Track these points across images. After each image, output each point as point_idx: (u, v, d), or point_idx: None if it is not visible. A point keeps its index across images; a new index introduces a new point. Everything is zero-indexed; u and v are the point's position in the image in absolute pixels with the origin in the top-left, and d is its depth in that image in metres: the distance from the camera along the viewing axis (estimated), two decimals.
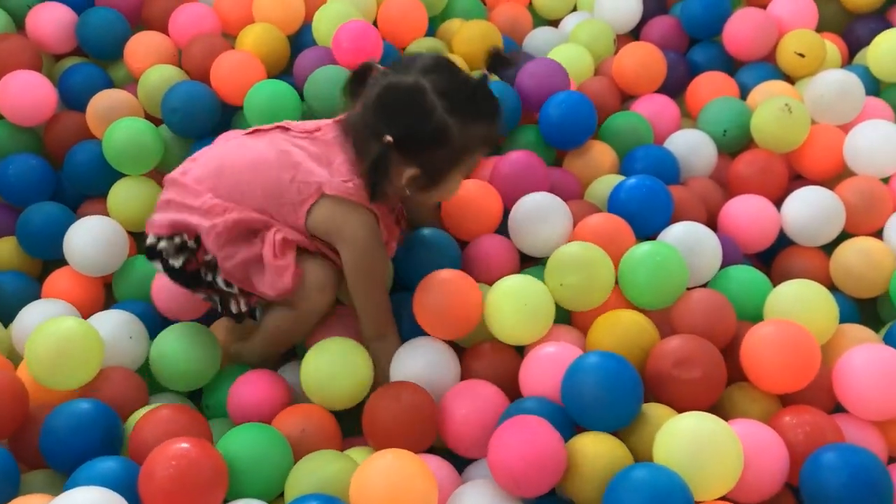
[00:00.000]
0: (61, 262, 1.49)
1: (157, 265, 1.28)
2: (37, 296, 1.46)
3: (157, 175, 1.59)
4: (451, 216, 1.45)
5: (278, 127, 1.31)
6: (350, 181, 1.22)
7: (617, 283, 1.32)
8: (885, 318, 1.44)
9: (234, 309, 1.30)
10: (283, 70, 1.74)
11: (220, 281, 1.25)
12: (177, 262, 1.25)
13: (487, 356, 1.28)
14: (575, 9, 1.97)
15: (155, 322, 1.39)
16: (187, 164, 1.31)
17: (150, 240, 1.28)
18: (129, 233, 1.52)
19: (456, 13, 1.88)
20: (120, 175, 1.57)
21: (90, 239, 1.45)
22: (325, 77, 1.60)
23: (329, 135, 1.27)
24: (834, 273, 1.45)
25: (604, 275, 1.29)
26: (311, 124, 1.31)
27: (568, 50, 1.78)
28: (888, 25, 1.85)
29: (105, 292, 1.50)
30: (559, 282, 1.29)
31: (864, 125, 1.55)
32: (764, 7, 1.83)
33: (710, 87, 1.72)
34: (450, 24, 1.85)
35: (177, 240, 1.25)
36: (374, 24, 1.77)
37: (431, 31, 1.84)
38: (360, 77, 1.24)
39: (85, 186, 1.60)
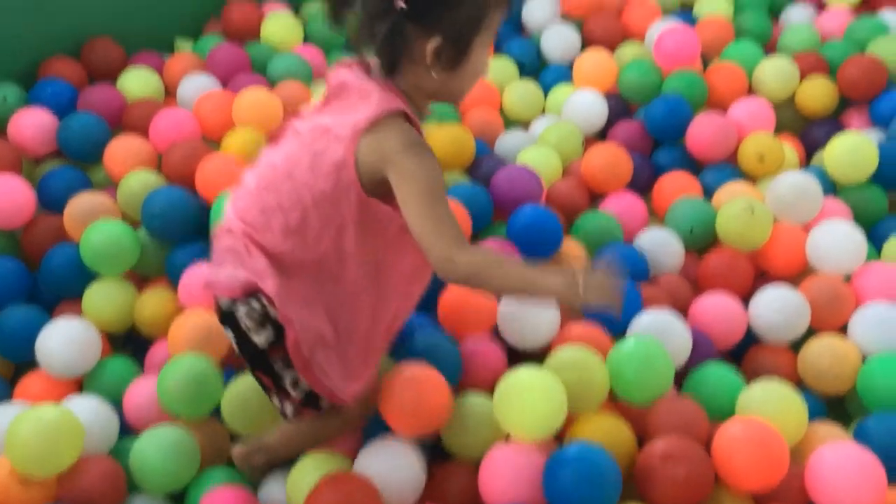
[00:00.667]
0: (34, 364, 1.48)
1: (229, 334, 1.14)
2: (8, 398, 1.44)
3: (134, 276, 1.60)
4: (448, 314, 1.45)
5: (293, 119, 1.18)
6: (374, 99, 1.06)
7: None
8: (854, 414, 1.46)
9: (275, 402, 1.20)
10: None
11: (287, 380, 1.15)
12: (259, 339, 1.12)
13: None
14: (544, 112, 2.05)
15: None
16: (234, 204, 1.16)
17: (223, 303, 1.13)
18: (104, 334, 1.52)
19: (430, 118, 1.94)
20: (95, 276, 1.58)
21: (62, 341, 1.44)
22: None
23: (342, 83, 1.11)
24: (802, 371, 1.47)
25: (600, 377, 1.30)
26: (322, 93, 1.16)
27: (538, 152, 1.84)
28: (841, 128, 1.94)
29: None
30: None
31: (825, 225, 1.61)
32: (724, 111, 1.91)
33: (675, 186, 1.79)
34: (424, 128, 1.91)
35: (254, 304, 1.10)
36: None
37: None
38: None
39: (61, 288, 1.60)
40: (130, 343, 1.60)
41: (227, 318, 1.13)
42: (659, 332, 1.38)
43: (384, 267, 1.15)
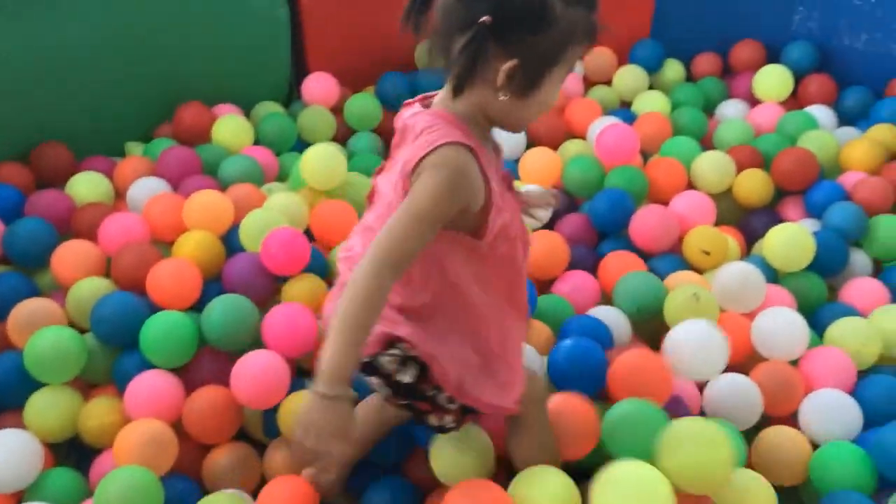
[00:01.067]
0: None
1: (374, 380, 1.16)
2: None
3: (79, 383, 1.57)
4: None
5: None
6: (432, 137, 1.05)
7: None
8: (809, 503, 1.47)
9: (434, 422, 1.21)
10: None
11: (442, 398, 1.16)
12: (405, 377, 1.13)
13: None
14: None
15: None
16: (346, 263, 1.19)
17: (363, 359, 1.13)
18: (47, 444, 1.47)
19: None
20: (38, 385, 1.53)
21: (2, 452, 1.39)
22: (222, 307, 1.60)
23: (407, 123, 1.13)
24: (755, 462, 1.48)
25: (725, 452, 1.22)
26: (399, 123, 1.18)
27: None
28: (779, 218, 2.01)
29: None
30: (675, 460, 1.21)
31: (768, 312, 1.65)
32: (665, 204, 1.97)
33: (621, 265, 1.81)
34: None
35: (396, 351, 1.13)
36: (307, 230, 1.85)
37: None
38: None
39: (2, 397, 1.55)
40: (74, 453, 1.55)
41: (368, 369, 1.15)
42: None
43: (491, 282, 1.17)
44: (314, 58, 2.39)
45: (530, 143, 2.23)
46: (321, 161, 1.90)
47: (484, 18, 1.00)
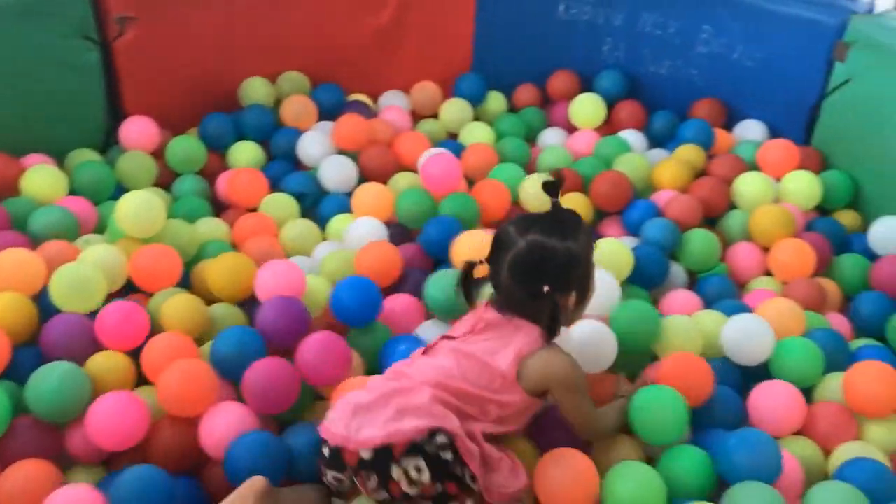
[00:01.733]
0: None
1: (419, 465, 1.30)
2: None
3: None
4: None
5: (443, 338, 1.48)
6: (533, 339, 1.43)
7: None
8: None
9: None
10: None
11: (468, 475, 1.33)
12: (447, 454, 1.31)
13: None
14: (325, 239, 2.08)
15: None
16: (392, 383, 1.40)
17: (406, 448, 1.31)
18: None
19: (207, 255, 1.91)
20: None
21: None
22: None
23: (490, 320, 1.46)
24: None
25: None
26: (467, 324, 1.49)
27: (316, 281, 1.85)
28: (600, 237, 2.11)
29: None
30: None
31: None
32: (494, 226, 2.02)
33: None
34: (202, 265, 1.88)
35: (440, 439, 1.32)
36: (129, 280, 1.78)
37: (186, 275, 1.85)
38: (467, 275, 1.50)
39: None
40: None
41: (416, 449, 1.31)
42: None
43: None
44: (131, 101, 2.30)
45: (362, 179, 2.24)
46: (137, 208, 1.82)
47: (545, 289, 1.40)
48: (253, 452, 1.43)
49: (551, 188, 1.50)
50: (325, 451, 1.37)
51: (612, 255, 1.88)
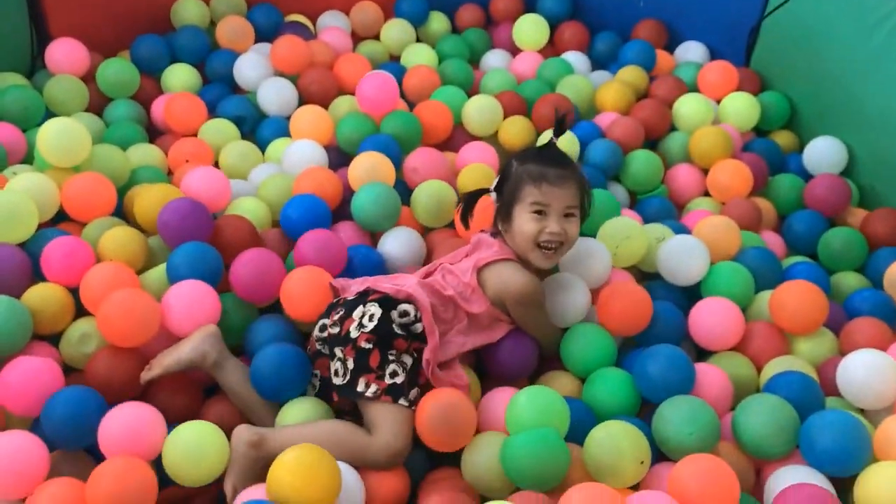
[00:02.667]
0: None
1: (374, 313, 1.46)
2: None
3: None
4: None
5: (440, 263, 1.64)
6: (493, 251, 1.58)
7: None
8: None
9: (360, 387, 1.42)
10: None
11: (412, 346, 1.47)
12: (405, 320, 1.47)
13: None
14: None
15: None
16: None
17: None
18: None
19: (140, 182, 1.88)
20: None
21: None
22: None
23: (475, 242, 1.64)
24: None
25: None
26: (462, 251, 1.65)
27: (250, 202, 1.85)
28: None
29: None
30: None
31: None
32: (436, 147, 2.01)
33: None
34: (133, 191, 1.84)
35: (407, 307, 1.48)
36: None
37: (120, 203, 1.81)
38: (471, 203, 1.67)
39: None
40: None
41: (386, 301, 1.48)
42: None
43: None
44: (56, 22, 2.20)
45: (302, 102, 2.19)
46: (59, 136, 1.77)
47: (494, 196, 1.62)
48: None
49: (558, 126, 1.62)
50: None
51: None
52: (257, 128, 2.16)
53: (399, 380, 1.43)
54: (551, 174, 1.53)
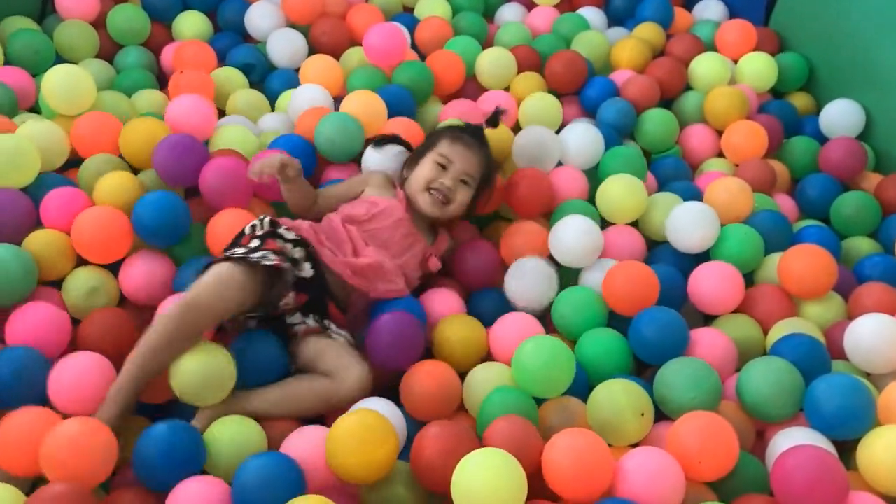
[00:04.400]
0: None
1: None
2: None
3: None
4: None
5: None
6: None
7: None
8: None
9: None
10: None
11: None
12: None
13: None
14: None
15: None
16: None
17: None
18: None
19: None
20: None
21: None
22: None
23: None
24: None
25: None
26: None
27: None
28: None
29: None
30: None
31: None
32: (447, 98, 2.00)
33: None
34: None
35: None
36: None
37: None
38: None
39: None
40: None
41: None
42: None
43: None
44: None
45: (312, 53, 2.17)
46: (64, 83, 1.77)
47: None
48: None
49: (492, 120, 1.79)
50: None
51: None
52: (266, 78, 2.14)
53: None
54: (467, 140, 1.70)
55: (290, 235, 1.52)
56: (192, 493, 1.21)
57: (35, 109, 1.94)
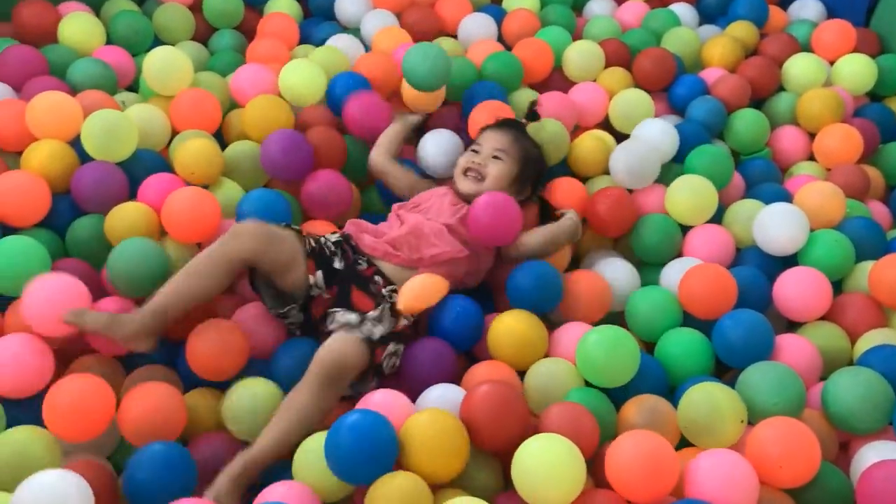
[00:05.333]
0: None
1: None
2: None
3: None
4: None
5: None
6: None
7: None
8: None
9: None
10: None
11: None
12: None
13: None
14: None
15: None
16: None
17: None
18: None
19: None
20: None
21: None
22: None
23: None
24: None
25: None
26: None
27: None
28: None
29: None
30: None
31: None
32: (537, 88, 1.99)
33: None
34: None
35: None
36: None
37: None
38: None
39: None
40: None
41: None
42: None
43: None
44: None
45: None
46: (163, 64, 1.84)
47: None
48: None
49: (530, 115, 1.84)
50: None
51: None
52: None
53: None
54: (496, 125, 1.80)
55: (335, 238, 1.59)
56: None
57: (132, 88, 2.01)
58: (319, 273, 1.50)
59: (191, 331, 1.46)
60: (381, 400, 1.34)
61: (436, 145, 1.85)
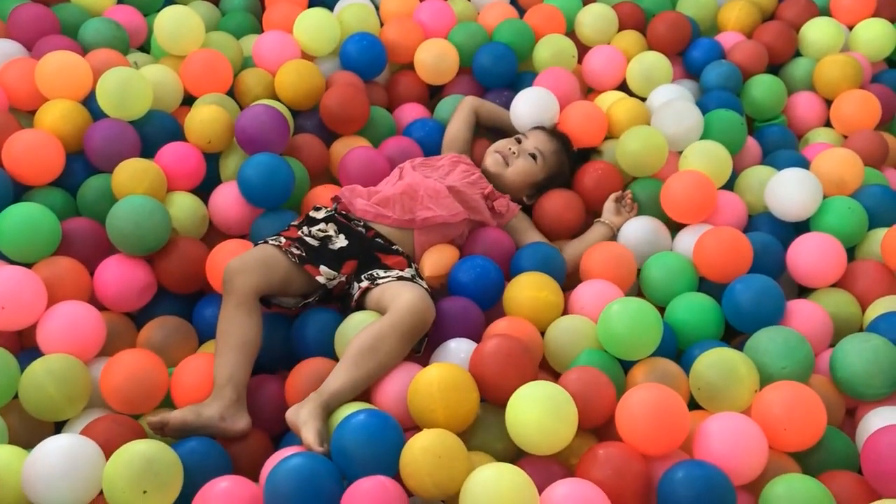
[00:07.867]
0: None
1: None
2: None
3: None
4: None
5: None
6: None
7: None
8: None
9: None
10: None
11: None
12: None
13: None
14: None
15: None
16: None
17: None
18: None
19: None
20: None
21: None
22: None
23: None
24: None
25: None
26: None
27: None
28: None
29: None
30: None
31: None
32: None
33: None
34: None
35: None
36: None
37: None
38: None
39: None
40: None
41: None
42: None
43: None
44: None
45: None
46: (175, 24, 1.84)
47: None
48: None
49: (583, 151, 1.86)
50: None
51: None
52: None
53: None
54: (549, 130, 1.84)
55: (321, 214, 1.59)
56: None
57: (144, 48, 2.00)
58: (323, 268, 1.50)
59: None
60: None
61: (527, 102, 1.87)
